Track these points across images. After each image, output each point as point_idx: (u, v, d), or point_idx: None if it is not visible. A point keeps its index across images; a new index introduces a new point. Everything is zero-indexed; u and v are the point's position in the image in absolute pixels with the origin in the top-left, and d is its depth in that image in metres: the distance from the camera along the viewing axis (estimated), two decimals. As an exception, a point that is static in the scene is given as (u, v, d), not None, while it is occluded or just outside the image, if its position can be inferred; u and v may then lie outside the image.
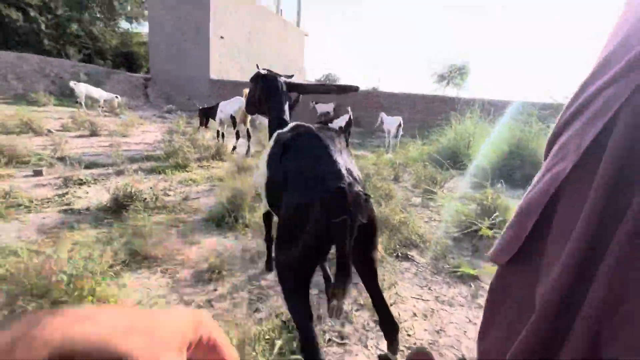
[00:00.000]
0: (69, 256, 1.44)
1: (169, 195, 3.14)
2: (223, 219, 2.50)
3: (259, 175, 1.40)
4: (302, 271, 0.99)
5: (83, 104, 10.35)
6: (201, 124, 7.02)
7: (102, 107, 10.90)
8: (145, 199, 2.66)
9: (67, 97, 11.99)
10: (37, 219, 2.36)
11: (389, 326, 1.08)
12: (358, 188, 0.90)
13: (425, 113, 12.11)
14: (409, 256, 2.22)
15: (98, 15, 20.46)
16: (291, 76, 1.85)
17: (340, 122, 7.79)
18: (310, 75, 35.50)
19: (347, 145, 7.33)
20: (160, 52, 16.93)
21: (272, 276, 1.86)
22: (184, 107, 15.36)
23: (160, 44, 16.86)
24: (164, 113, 13.43)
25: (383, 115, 9.30)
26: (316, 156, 1.03)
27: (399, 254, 2.22)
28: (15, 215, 2.39)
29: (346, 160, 1.07)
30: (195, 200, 3.07)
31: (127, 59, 22.91)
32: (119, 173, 3.78)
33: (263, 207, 1.64)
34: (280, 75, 1.78)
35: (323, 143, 1.06)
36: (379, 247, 2.06)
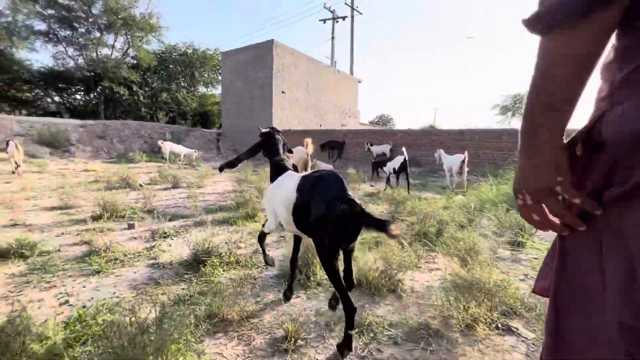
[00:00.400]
0: (156, 323, 1.46)
1: (240, 247, 3.22)
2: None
3: (278, 204, 1.95)
4: (334, 253, 1.59)
5: (167, 159, 11.88)
6: None
7: (182, 161, 12.35)
8: (221, 253, 2.74)
9: (155, 153, 13.92)
10: (129, 273, 2.56)
11: (347, 280, 1.76)
12: (360, 206, 1.54)
13: (493, 149, 11.24)
14: (513, 329, 1.84)
15: (182, 84, 24.21)
16: (287, 130, 3.24)
17: (394, 163, 7.50)
18: (364, 117, 36.33)
19: (409, 188, 7.03)
20: (230, 110, 19.07)
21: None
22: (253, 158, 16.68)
23: (230, 102, 19.05)
24: (232, 163, 14.70)
25: (441, 152, 8.87)
26: (334, 186, 1.66)
27: (499, 325, 1.86)
28: (112, 269, 2.63)
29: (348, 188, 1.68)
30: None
31: (203, 117, 26.25)
32: (197, 224, 4.05)
33: (267, 227, 2.14)
34: (279, 131, 2.42)
35: (337, 176, 1.74)
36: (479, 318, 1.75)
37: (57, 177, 8.60)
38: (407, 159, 7.15)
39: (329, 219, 1.54)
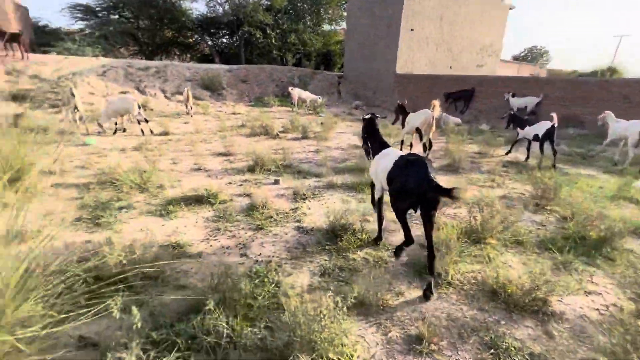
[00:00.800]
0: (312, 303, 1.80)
1: (369, 221, 3.44)
2: (424, 270, 2.51)
3: (380, 171, 2.67)
4: (405, 211, 2.34)
5: (295, 104, 12.86)
6: (395, 121, 7.02)
7: (307, 106, 13.17)
8: (355, 230, 3.02)
9: (285, 97, 15.18)
10: (282, 234, 3.13)
11: (430, 256, 2.25)
12: (436, 183, 2.12)
13: None
14: None
15: (308, 24, 24.41)
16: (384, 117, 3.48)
17: (538, 129, 6.02)
18: (509, 51, 29.60)
19: (555, 161, 5.74)
20: (353, 51, 18.52)
21: (485, 368, 1.73)
22: (370, 102, 16.39)
23: (354, 42, 18.40)
24: (351, 109, 14.81)
25: (608, 115, 6.77)
26: (421, 167, 2.23)
27: (684, 399, 1.55)
28: (269, 226, 3.26)
29: (434, 171, 2.22)
30: (393, 232, 3.23)
31: (325, 57, 26.45)
32: (328, 187, 4.46)
33: (377, 193, 2.89)
34: (378, 117, 3.16)
35: (424, 163, 2.25)
36: None
37: (215, 119, 10.53)
38: (555, 126, 5.68)
39: (408, 192, 2.26)
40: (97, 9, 20.25)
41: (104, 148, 6.13)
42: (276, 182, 4.57)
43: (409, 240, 2.35)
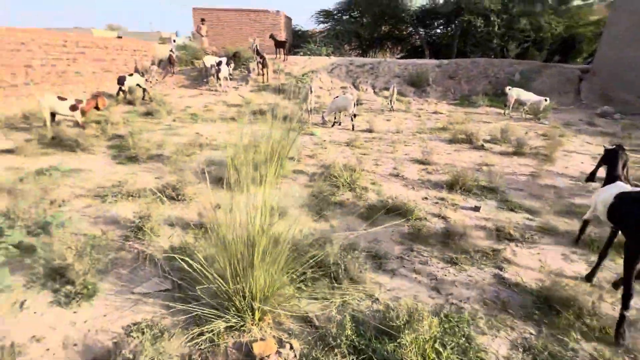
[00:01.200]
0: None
1: (605, 300, 2.63)
2: None
3: (599, 201, 2.77)
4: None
5: (509, 107, 10.99)
6: None
7: (526, 110, 10.98)
8: (582, 309, 2.39)
9: (497, 96, 13.24)
10: (478, 278, 2.89)
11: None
12: None
13: None
14: None
15: (550, 2, 19.61)
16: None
17: None
18: None
19: None
20: (618, 33, 13.56)
21: None
22: (629, 108, 11.78)
23: (622, 22, 13.41)
24: (594, 117, 11.16)
25: None
26: None
27: None
28: (464, 264, 3.08)
29: None
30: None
31: (565, 44, 20.77)
32: (546, 231, 3.68)
33: (589, 214, 3.13)
34: (624, 149, 2.96)
35: None
36: None
37: (416, 117, 10.60)
38: None
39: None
40: (334, 12, 24.12)
41: (324, 140, 7.49)
42: (476, 208, 4.20)
43: (630, 293, 2.20)
